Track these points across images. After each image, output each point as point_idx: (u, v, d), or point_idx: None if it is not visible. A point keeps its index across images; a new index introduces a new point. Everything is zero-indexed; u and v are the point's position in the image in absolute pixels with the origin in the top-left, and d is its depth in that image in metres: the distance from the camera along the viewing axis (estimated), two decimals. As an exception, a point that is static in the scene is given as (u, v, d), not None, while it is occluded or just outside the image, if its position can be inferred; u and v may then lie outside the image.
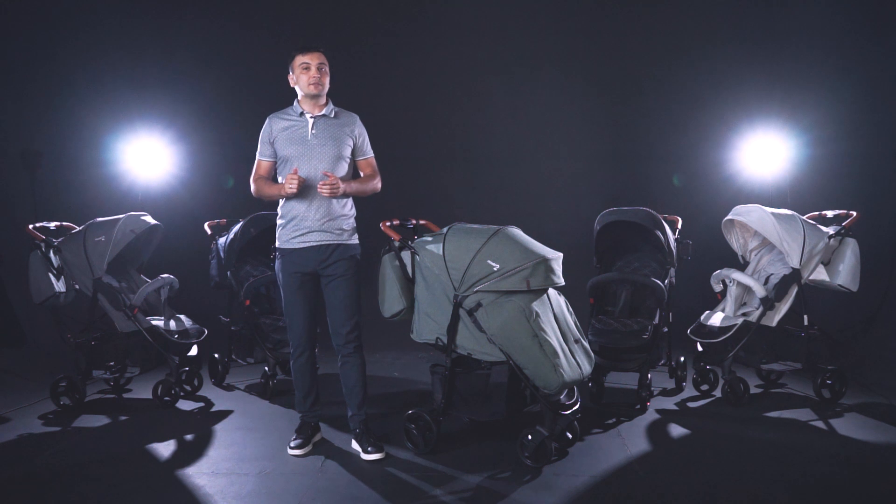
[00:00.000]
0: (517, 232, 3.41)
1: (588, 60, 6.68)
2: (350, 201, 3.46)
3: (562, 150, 6.70)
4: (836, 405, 4.08)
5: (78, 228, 4.40)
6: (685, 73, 6.26)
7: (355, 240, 3.45)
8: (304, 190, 3.28)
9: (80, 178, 5.89)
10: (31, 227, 4.38)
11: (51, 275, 4.29)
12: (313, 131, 3.34)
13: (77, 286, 4.33)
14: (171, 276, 4.58)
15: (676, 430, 3.74)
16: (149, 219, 4.53)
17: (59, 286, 4.30)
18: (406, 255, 3.47)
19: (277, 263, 3.42)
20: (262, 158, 3.44)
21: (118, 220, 4.34)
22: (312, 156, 3.32)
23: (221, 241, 4.72)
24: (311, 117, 3.36)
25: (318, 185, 3.23)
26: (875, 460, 3.29)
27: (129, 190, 5.80)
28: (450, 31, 6.69)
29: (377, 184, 3.51)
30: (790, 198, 5.36)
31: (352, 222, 3.45)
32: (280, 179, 3.41)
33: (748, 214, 4.32)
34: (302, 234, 3.31)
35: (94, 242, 4.24)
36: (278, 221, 3.42)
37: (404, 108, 6.58)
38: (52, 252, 4.30)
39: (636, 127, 6.53)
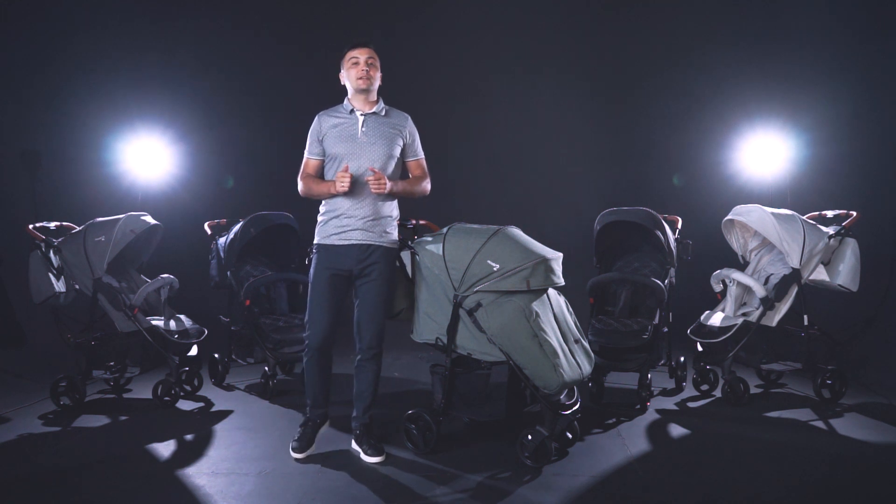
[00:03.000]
0: (517, 232, 3.41)
1: (588, 60, 6.68)
2: (395, 203, 3.42)
3: (562, 150, 6.71)
4: (836, 405, 4.08)
5: (78, 228, 4.40)
6: (685, 73, 6.27)
7: (396, 242, 3.41)
8: (352, 188, 3.22)
9: (80, 178, 5.89)
10: (31, 227, 4.38)
11: (51, 275, 4.29)
12: (363, 129, 3.29)
13: (77, 286, 4.33)
14: (171, 276, 4.58)
15: (676, 430, 3.74)
16: (149, 219, 4.52)
17: (59, 286, 4.30)
18: (406, 255, 3.47)
19: (313, 259, 3.34)
20: (310, 157, 3.37)
21: (118, 220, 4.34)
22: (362, 154, 3.26)
23: (221, 241, 4.73)
24: (362, 115, 3.31)
25: (366, 178, 3.20)
26: (875, 460, 3.29)
27: (129, 190, 5.80)
28: (450, 32, 6.70)
29: (426, 186, 3.47)
30: (790, 198, 5.36)
31: (395, 224, 3.41)
32: (328, 177, 3.34)
33: (748, 214, 4.32)
34: (346, 231, 3.26)
35: (94, 242, 4.24)
36: (319, 218, 3.36)
37: (403, 107, 6.55)
38: (52, 252, 4.30)
39: (636, 127, 6.54)
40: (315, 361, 3.37)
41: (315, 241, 3.37)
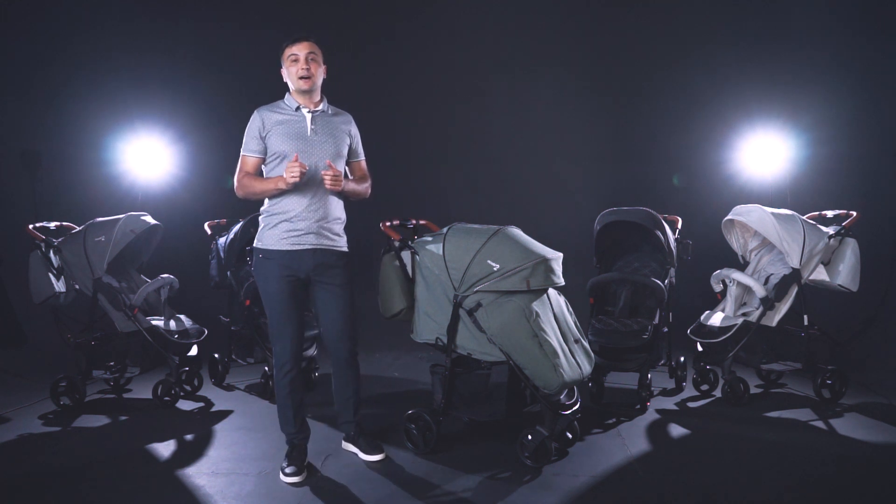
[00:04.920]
0: (517, 232, 3.41)
1: (588, 60, 6.68)
2: (342, 205, 3.27)
3: (562, 150, 6.71)
4: (836, 405, 4.08)
5: (78, 228, 4.41)
6: (685, 73, 6.27)
7: (345, 245, 3.25)
8: (302, 188, 3.04)
9: (80, 178, 5.90)
10: (31, 227, 4.38)
11: (51, 275, 4.29)
12: (312, 127, 3.14)
13: (77, 286, 4.34)
14: (171, 276, 4.58)
15: (676, 430, 3.74)
16: (149, 219, 4.53)
17: (59, 286, 4.31)
18: (406, 255, 3.47)
19: (260, 267, 3.11)
20: (249, 154, 3.13)
21: (118, 220, 4.34)
22: (313, 152, 3.10)
23: (221, 241, 4.73)
24: (309, 112, 3.16)
25: (322, 173, 3.03)
26: (875, 460, 3.29)
27: (129, 190, 5.81)
28: (450, 31, 6.70)
29: (368, 188, 3.34)
30: (790, 198, 5.36)
31: (343, 226, 3.27)
32: (273, 175, 3.11)
33: (748, 214, 4.32)
34: (298, 236, 3.07)
35: (94, 242, 4.24)
36: (264, 220, 3.14)
37: (404, 107, 6.59)
38: (52, 252, 4.30)
39: (636, 127, 6.54)
40: (291, 378, 3.13)
41: (260, 246, 3.13)
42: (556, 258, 3.30)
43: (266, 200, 3.16)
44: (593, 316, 4.30)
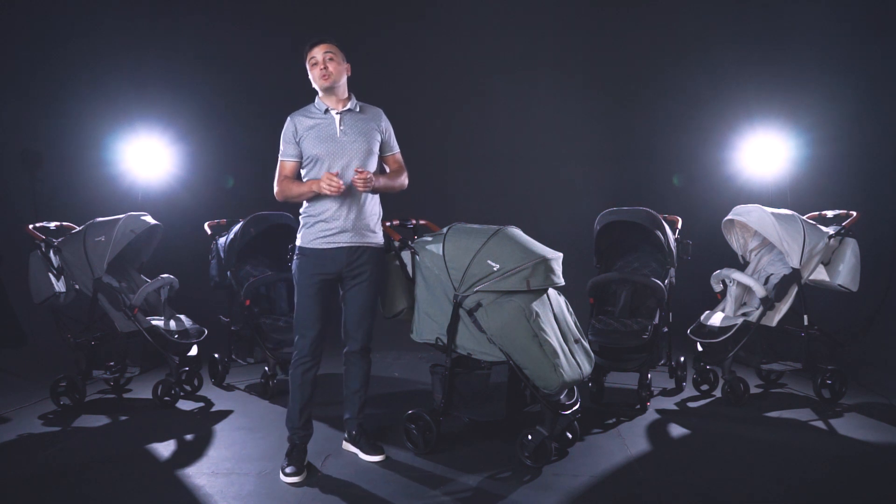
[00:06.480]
0: (517, 232, 3.41)
1: (588, 60, 6.69)
2: (378, 201, 3.35)
3: (562, 150, 6.71)
4: (836, 405, 4.08)
5: (78, 228, 4.41)
6: (685, 73, 6.27)
7: (381, 239, 3.34)
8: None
9: (80, 178, 5.90)
10: (31, 227, 4.38)
11: (51, 275, 4.29)
12: (341, 127, 3.19)
13: (77, 286, 4.34)
14: (171, 276, 4.58)
15: (676, 430, 3.74)
16: (149, 219, 4.53)
17: (59, 286, 4.31)
18: (406, 255, 3.47)
19: (295, 263, 3.24)
20: (286, 159, 3.23)
21: (118, 220, 4.34)
22: (343, 153, 3.16)
23: (221, 241, 4.73)
24: (337, 113, 3.21)
25: (353, 179, 3.10)
26: (875, 460, 3.29)
27: (129, 190, 5.81)
28: (451, 32, 6.70)
29: (405, 180, 3.38)
30: (790, 198, 5.36)
31: (380, 223, 3.35)
32: (309, 179, 3.22)
33: (748, 214, 4.33)
34: (332, 235, 3.16)
35: (94, 242, 4.24)
36: (304, 220, 3.24)
37: (404, 107, 6.56)
38: (52, 252, 4.31)
39: (636, 127, 6.54)
40: (304, 371, 3.21)
41: (299, 244, 3.25)
42: (556, 258, 3.30)
43: (304, 202, 3.26)
44: (593, 316, 4.30)
